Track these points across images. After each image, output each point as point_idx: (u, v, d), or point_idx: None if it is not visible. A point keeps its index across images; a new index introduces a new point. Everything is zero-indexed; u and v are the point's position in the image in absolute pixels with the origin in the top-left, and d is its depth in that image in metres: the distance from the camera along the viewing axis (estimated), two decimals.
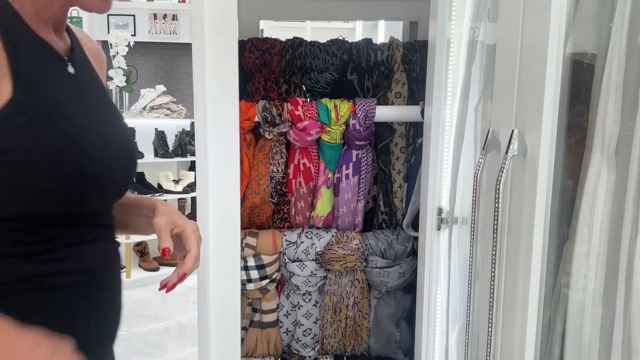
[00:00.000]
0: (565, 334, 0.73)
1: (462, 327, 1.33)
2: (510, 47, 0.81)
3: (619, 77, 0.63)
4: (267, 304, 1.95)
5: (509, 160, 0.74)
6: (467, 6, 1.32)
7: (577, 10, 0.71)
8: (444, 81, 1.43)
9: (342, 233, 1.91)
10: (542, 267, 0.73)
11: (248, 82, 1.93)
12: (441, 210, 1.50)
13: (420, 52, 1.87)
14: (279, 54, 1.89)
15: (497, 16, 0.92)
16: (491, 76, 1.03)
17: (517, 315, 0.77)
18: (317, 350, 2.01)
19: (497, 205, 0.75)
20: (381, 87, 1.91)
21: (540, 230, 0.71)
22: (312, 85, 1.92)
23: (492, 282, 0.77)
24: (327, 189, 1.92)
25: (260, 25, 2.34)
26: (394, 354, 1.99)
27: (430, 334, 1.54)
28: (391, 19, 2.65)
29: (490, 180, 0.88)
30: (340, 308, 1.95)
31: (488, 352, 0.80)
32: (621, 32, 0.62)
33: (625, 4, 0.62)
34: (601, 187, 0.66)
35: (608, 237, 0.66)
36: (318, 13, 2.45)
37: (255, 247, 1.87)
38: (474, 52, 1.28)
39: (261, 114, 1.81)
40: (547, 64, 0.68)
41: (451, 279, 1.44)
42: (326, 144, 1.87)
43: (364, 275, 1.93)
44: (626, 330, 0.62)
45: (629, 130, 0.62)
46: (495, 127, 0.87)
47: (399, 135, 1.92)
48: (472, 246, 0.94)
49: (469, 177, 1.28)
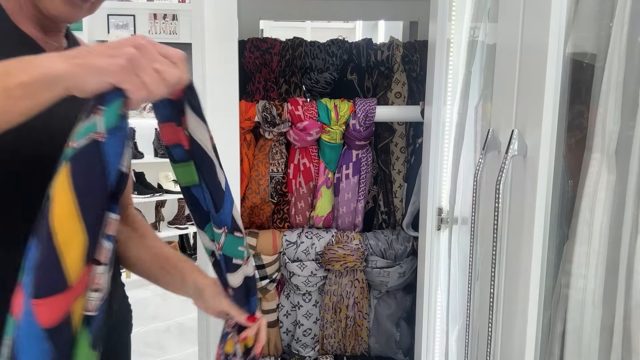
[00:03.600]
0: (565, 334, 0.73)
1: (462, 327, 1.33)
2: (510, 47, 0.81)
3: (619, 77, 0.63)
4: (267, 304, 1.95)
5: (509, 160, 0.74)
6: (467, 6, 1.32)
7: (577, 10, 0.71)
8: (444, 81, 1.43)
9: (342, 233, 1.91)
10: (542, 267, 0.73)
11: (248, 82, 1.93)
12: (441, 210, 1.50)
13: (420, 52, 1.87)
14: (279, 54, 1.89)
15: (497, 16, 0.92)
16: (491, 76, 1.03)
17: (517, 315, 0.77)
18: (317, 350, 2.01)
19: (497, 205, 0.75)
20: (381, 87, 1.91)
21: (540, 230, 0.71)
22: (312, 85, 1.92)
23: (492, 282, 0.77)
24: (327, 189, 1.91)
25: (260, 25, 2.34)
26: (394, 354, 1.99)
27: (430, 334, 1.54)
28: (391, 19, 2.65)
29: (490, 180, 0.88)
30: (340, 308, 1.95)
31: (488, 352, 0.80)
32: (621, 32, 0.62)
33: (625, 4, 0.62)
34: (601, 187, 0.66)
35: (608, 237, 0.66)
36: (318, 13, 2.45)
37: (255, 247, 1.87)
38: (474, 52, 1.28)
39: (261, 114, 1.81)
40: (547, 64, 0.68)
41: (451, 279, 1.44)
42: (326, 144, 1.87)
43: (364, 275, 1.93)
44: (626, 330, 0.62)
45: (629, 130, 0.62)
46: (495, 127, 0.87)
47: (399, 135, 1.92)
48: (472, 246, 0.94)
49: (469, 177, 1.28)
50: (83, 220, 0.57)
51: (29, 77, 0.54)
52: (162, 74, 0.59)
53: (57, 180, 0.56)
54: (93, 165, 0.57)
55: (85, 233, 0.57)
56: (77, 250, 0.57)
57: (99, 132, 0.57)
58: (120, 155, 0.60)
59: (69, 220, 0.56)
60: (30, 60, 0.56)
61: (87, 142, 0.57)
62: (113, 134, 0.58)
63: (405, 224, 1.90)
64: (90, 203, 0.57)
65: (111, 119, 0.58)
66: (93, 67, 0.56)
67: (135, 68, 0.57)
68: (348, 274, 1.92)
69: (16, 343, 0.56)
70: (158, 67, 0.59)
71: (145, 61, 0.58)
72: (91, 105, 0.58)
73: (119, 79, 0.57)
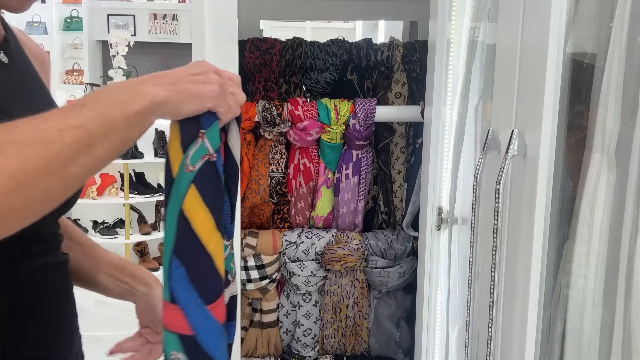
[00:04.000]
0: (565, 334, 0.73)
1: (462, 327, 1.34)
2: (510, 47, 0.81)
3: (619, 77, 0.63)
4: (267, 304, 1.95)
5: (509, 160, 0.74)
6: (467, 6, 1.32)
7: (577, 10, 0.71)
8: (444, 81, 1.43)
9: (342, 233, 1.91)
10: (542, 267, 0.73)
11: (248, 82, 1.93)
12: (441, 210, 1.50)
13: (420, 52, 1.87)
14: (279, 54, 1.89)
15: (497, 16, 0.92)
16: (491, 76, 1.03)
17: (517, 315, 0.77)
18: (317, 350, 2.01)
19: (497, 205, 0.75)
20: (381, 87, 1.91)
21: (540, 230, 0.71)
22: (312, 85, 1.92)
23: (492, 282, 0.77)
24: (327, 189, 1.91)
25: (260, 25, 2.34)
26: (394, 354, 1.99)
27: (430, 334, 1.54)
28: (391, 19, 2.65)
29: (490, 180, 0.88)
30: (340, 308, 1.95)
31: (488, 352, 0.80)
32: (621, 32, 0.62)
33: (625, 4, 0.62)
34: (601, 187, 0.66)
35: (608, 237, 0.66)
36: (318, 13, 2.45)
37: (255, 247, 1.87)
38: (474, 52, 1.28)
39: (261, 114, 1.81)
40: (547, 64, 0.68)
41: (451, 279, 1.44)
42: (326, 144, 1.87)
43: (364, 275, 1.93)
44: (626, 330, 0.62)
45: (629, 130, 0.62)
46: (495, 127, 0.87)
47: (399, 135, 1.92)
48: (472, 246, 0.94)
49: (469, 177, 1.28)
50: (218, 230, 0.66)
51: (141, 106, 0.57)
52: (236, 97, 0.67)
53: (189, 201, 0.64)
54: (213, 181, 0.66)
55: (222, 239, 0.67)
56: (221, 255, 0.67)
57: (209, 153, 0.65)
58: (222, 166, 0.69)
59: (213, 233, 0.65)
60: (134, 88, 0.58)
61: (202, 163, 0.65)
62: (218, 151, 0.67)
63: (405, 224, 1.90)
64: (218, 214, 0.66)
65: (214, 139, 0.65)
66: (194, 94, 0.61)
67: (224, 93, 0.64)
68: (348, 274, 1.92)
69: (205, 344, 0.65)
70: (233, 91, 0.66)
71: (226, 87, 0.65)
72: (194, 130, 0.65)
73: (215, 103, 0.63)
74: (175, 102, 0.60)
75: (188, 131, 0.65)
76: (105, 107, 0.55)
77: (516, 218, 0.78)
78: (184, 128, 0.65)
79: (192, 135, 0.65)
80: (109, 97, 0.57)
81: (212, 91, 0.63)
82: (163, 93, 0.59)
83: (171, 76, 0.61)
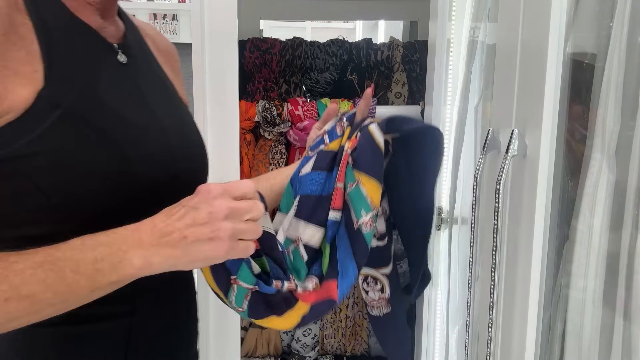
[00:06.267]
0: (565, 334, 0.73)
1: (462, 327, 1.34)
2: (510, 47, 0.81)
3: (619, 77, 0.63)
4: None
5: (509, 160, 0.74)
6: (467, 6, 1.32)
7: (577, 10, 0.71)
8: (444, 81, 1.43)
9: None
10: (542, 267, 0.73)
11: (248, 82, 1.93)
12: (441, 210, 1.49)
13: (420, 52, 1.87)
14: (279, 54, 1.89)
15: (497, 16, 0.92)
16: (491, 76, 1.03)
17: (517, 316, 0.77)
18: (317, 350, 2.01)
19: (497, 205, 0.75)
20: (381, 87, 1.91)
21: (540, 230, 0.71)
22: (312, 85, 1.92)
23: (492, 282, 0.77)
24: None
25: (260, 25, 2.34)
26: None
27: (430, 334, 1.54)
28: (391, 19, 2.66)
29: (490, 180, 0.88)
30: (340, 308, 1.95)
31: (488, 352, 0.80)
32: (621, 32, 0.62)
33: (625, 4, 0.62)
34: (601, 187, 0.66)
35: (608, 237, 0.66)
36: (318, 13, 2.45)
37: None
38: (474, 52, 1.28)
39: (261, 114, 1.81)
40: (547, 64, 0.68)
41: (451, 279, 1.44)
42: None
43: None
44: (626, 330, 0.62)
45: (629, 130, 0.62)
46: (495, 127, 0.87)
47: None
48: (472, 246, 0.94)
49: (469, 177, 1.28)
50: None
51: (119, 278, 0.54)
52: (254, 219, 0.59)
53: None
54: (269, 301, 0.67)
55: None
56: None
57: (250, 288, 0.65)
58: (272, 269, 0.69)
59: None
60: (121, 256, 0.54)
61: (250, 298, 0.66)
62: (260, 278, 0.66)
63: None
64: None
65: (248, 278, 0.64)
66: (197, 258, 0.56)
67: (236, 238, 0.57)
68: None
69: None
70: (249, 217, 0.58)
71: (240, 225, 0.57)
72: (226, 279, 0.64)
73: (228, 256, 0.57)
74: (176, 264, 0.56)
75: (220, 279, 0.64)
76: (76, 274, 0.53)
77: (516, 218, 0.78)
78: (215, 273, 0.63)
79: (225, 282, 0.63)
80: (89, 256, 0.53)
81: (219, 250, 0.55)
82: (158, 260, 0.54)
83: (172, 234, 0.55)
